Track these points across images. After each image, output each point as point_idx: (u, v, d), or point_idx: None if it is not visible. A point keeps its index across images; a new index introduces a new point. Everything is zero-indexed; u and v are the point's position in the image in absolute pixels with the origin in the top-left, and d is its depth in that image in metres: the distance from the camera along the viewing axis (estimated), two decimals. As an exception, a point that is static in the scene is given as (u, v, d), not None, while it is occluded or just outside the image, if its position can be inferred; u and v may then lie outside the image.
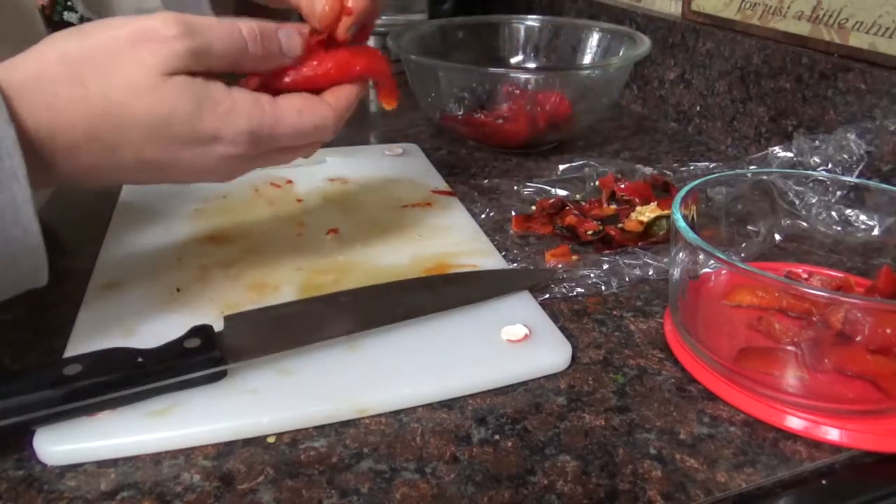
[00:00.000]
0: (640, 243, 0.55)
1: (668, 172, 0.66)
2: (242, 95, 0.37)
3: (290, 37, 0.40)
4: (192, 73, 0.36)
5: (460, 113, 0.73)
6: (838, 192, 0.49)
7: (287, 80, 0.41)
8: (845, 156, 0.56)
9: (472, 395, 0.39)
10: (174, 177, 0.39)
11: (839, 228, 0.49)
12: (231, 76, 0.38)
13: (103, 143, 0.35)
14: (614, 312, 0.47)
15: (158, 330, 0.42)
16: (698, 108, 0.79)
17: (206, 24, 0.36)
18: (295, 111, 0.39)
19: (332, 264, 0.50)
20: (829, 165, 0.57)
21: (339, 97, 0.42)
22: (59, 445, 0.34)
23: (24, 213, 0.32)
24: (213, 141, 0.37)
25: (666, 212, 0.55)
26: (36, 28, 0.55)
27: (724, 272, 0.45)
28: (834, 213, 0.50)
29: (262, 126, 0.38)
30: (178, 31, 0.35)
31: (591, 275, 0.50)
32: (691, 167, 0.67)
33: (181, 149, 0.37)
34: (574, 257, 0.53)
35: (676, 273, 0.43)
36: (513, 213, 0.59)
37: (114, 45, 0.34)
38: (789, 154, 0.59)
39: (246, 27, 0.38)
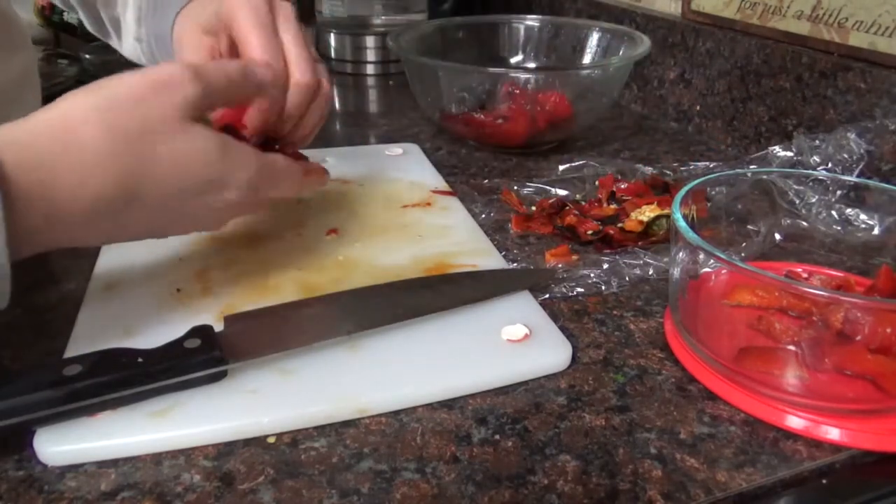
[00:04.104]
0: (640, 243, 0.55)
1: (668, 172, 0.66)
2: (246, 147, 0.41)
3: (258, 70, 0.43)
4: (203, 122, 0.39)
5: (460, 113, 0.73)
6: (838, 192, 0.49)
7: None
8: (845, 155, 0.56)
9: (472, 395, 0.39)
10: (172, 229, 0.42)
11: (839, 228, 0.49)
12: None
13: (127, 190, 0.36)
14: (614, 312, 0.47)
15: (158, 330, 0.42)
16: (698, 107, 0.79)
17: (205, 66, 0.40)
18: (282, 158, 0.44)
19: (332, 264, 0.51)
20: (829, 165, 0.56)
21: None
22: (59, 446, 0.34)
23: None
24: (222, 187, 0.40)
25: (666, 211, 0.55)
26: (22, 33, 0.56)
27: (724, 272, 0.45)
28: (834, 213, 0.49)
29: (262, 171, 0.41)
30: (189, 75, 0.38)
31: (591, 274, 0.50)
32: (691, 167, 0.67)
33: (192, 197, 0.39)
34: (574, 257, 0.53)
35: (676, 273, 0.43)
36: (513, 214, 0.59)
37: (138, 92, 0.36)
38: (789, 153, 0.59)
39: (233, 64, 0.42)
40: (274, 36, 0.46)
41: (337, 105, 0.95)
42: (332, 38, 1.04)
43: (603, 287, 0.50)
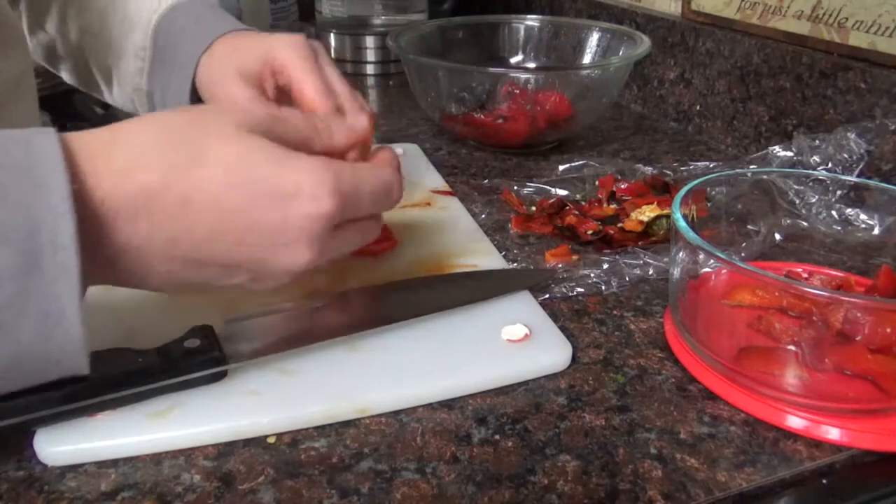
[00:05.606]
0: (640, 243, 0.55)
1: (668, 172, 0.66)
2: (321, 157, 0.36)
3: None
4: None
5: (460, 113, 0.73)
6: (838, 192, 0.49)
7: None
8: (845, 155, 0.56)
9: (472, 395, 0.39)
10: (245, 254, 0.34)
11: (839, 228, 0.49)
12: None
13: (171, 187, 0.32)
14: (614, 312, 0.47)
15: (158, 330, 0.42)
16: (698, 107, 0.79)
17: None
18: (368, 166, 0.39)
19: (332, 264, 0.50)
20: (829, 165, 0.56)
21: (386, 158, 0.42)
22: (59, 446, 0.34)
23: (68, 315, 0.30)
24: (293, 196, 0.34)
25: (666, 211, 0.55)
26: (16, 32, 0.56)
27: (724, 272, 0.45)
28: (834, 213, 0.49)
29: (342, 176, 0.35)
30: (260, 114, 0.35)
31: (591, 274, 0.50)
32: (691, 167, 0.67)
33: (257, 204, 0.33)
34: (574, 257, 0.53)
35: (676, 273, 0.43)
36: (513, 214, 0.59)
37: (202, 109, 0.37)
38: (789, 153, 0.59)
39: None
40: (325, 81, 0.44)
41: (337, 105, 0.95)
42: (332, 38, 1.04)
43: (603, 287, 0.49)
